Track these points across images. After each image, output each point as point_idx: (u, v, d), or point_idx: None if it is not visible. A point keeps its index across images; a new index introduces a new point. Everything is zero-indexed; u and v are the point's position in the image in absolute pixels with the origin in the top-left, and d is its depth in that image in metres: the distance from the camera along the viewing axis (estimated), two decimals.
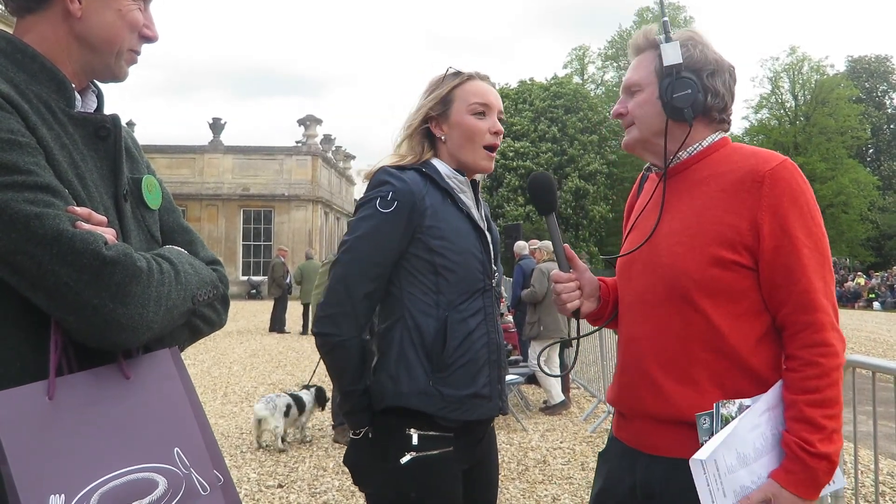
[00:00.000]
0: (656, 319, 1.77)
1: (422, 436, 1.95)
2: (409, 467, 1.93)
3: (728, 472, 1.61)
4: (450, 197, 2.03)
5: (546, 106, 40.95)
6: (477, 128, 2.07)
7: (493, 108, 2.10)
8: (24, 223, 1.16)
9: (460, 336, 1.98)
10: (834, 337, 1.64)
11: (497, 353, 2.08)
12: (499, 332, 2.11)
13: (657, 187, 1.88)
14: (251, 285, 32.27)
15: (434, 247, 1.97)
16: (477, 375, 2.01)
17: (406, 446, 1.94)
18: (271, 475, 5.86)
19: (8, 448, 1.13)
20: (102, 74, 1.47)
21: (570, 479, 5.78)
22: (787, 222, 1.65)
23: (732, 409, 1.65)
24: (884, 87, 54.63)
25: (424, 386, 1.95)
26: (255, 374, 11.10)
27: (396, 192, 1.95)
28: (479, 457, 2.13)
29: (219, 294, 1.50)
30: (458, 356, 1.97)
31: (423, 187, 1.99)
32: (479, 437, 2.11)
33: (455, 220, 2.02)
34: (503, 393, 2.11)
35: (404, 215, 1.94)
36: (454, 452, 1.99)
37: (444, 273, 1.98)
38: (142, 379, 1.31)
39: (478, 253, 2.05)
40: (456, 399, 1.96)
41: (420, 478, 1.94)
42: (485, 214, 2.19)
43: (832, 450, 1.60)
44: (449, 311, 1.98)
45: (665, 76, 1.77)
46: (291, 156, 34.44)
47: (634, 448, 1.83)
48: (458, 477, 2.03)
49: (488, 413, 2.06)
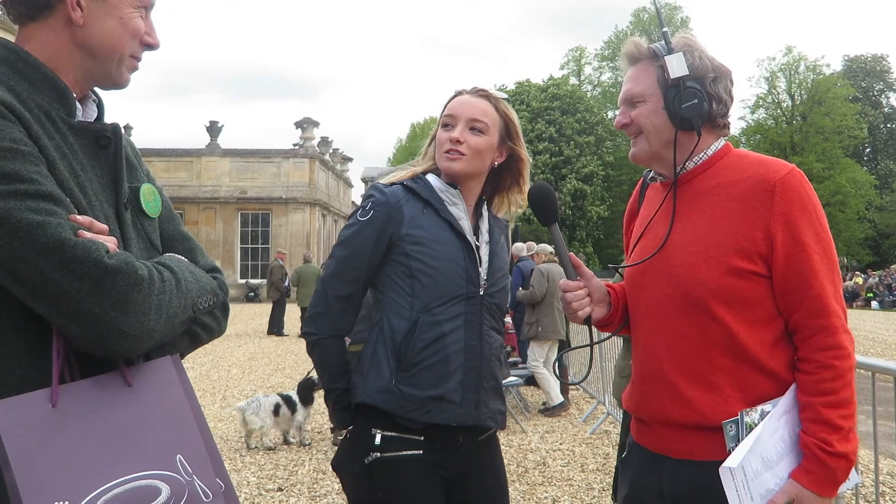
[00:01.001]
0: (674, 328, 1.80)
1: (385, 436, 2.02)
2: (374, 467, 2.00)
3: (755, 477, 1.65)
4: (431, 207, 2.12)
5: (543, 107, 41.03)
6: (441, 139, 2.18)
7: (458, 118, 2.17)
8: (27, 232, 1.17)
9: (429, 338, 2.04)
10: (846, 339, 1.69)
11: (477, 361, 2.09)
12: (485, 343, 2.12)
13: (665, 197, 1.89)
14: (249, 288, 32.26)
15: (410, 251, 2.07)
16: (446, 378, 2.03)
17: (371, 446, 2.02)
18: (271, 479, 5.86)
19: (12, 455, 1.13)
20: (104, 82, 1.47)
21: (569, 481, 5.78)
22: (799, 230, 1.69)
23: (755, 417, 1.70)
24: (880, 86, 54.81)
25: (387, 384, 2.02)
26: (254, 378, 11.11)
27: (375, 202, 2.11)
28: (466, 467, 2.11)
29: (219, 302, 1.50)
30: (424, 357, 2.03)
31: (401, 198, 2.12)
32: (456, 444, 2.09)
33: (435, 228, 2.10)
34: (482, 403, 2.10)
35: (379, 222, 2.08)
36: (426, 455, 2.03)
37: (420, 276, 2.06)
38: (144, 386, 1.32)
39: (460, 261, 2.10)
40: (417, 399, 2.01)
41: (385, 478, 2.00)
42: (491, 228, 2.25)
43: (850, 449, 1.65)
44: (422, 314, 2.05)
45: (671, 87, 1.78)
46: (289, 158, 34.45)
47: (658, 453, 1.86)
48: (431, 482, 2.04)
49: (456, 419, 2.04)
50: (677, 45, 1.80)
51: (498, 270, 2.20)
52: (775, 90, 47.60)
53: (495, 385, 2.16)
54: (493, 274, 2.18)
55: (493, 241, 2.23)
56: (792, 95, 46.92)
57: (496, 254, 2.22)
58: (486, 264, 2.17)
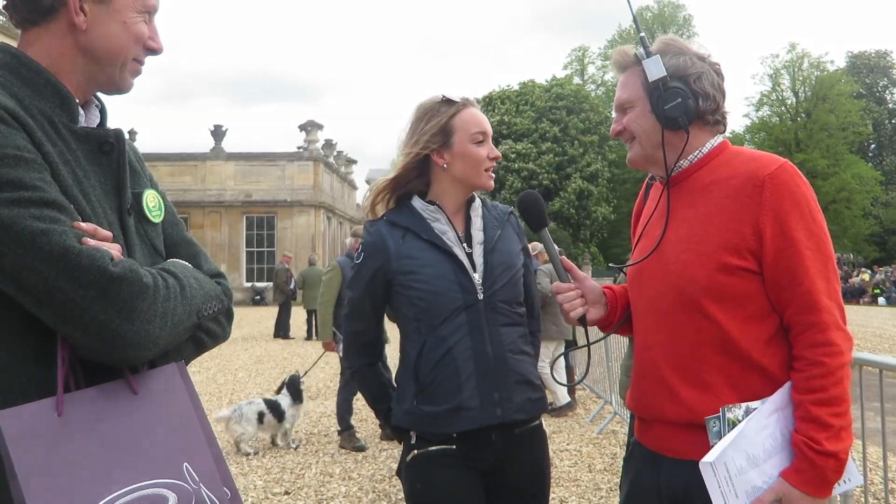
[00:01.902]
0: (668, 326, 1.81)
1: (420, 436, 2.19)
2: (414, 463, 2.19)
3: (739, 474, 1.63)
4: (411, 232, 2.22)
5: (548, 106, 41.00)
6: (480, 156, 2.24)
7: (488, 134, 2.28)
8: (31, 239, 1.17)
9: (437, 356, 2.14)
10: (838, 336, 1.66)
11: (489, 364, 2.15)
12: (495, 343, 2.17)
13: (661, 196, 1.91)
14: (255, 291, 32.29)
15: (404, 282, 2.19)
16: (460, 388, 2.12)
17: (409, 446, 2.22)
18: (278, 482, 5.86)
19: (18, 465, 1.13)
20: (106, 86, 1.47)
21: (576, 482, 5.77)
22: (788, 225, 1.68)
23: (738, 413, 1.68)
24: (884, 82, 54.59)
25: (410, 405, 2.18)
26: (261, 381, 11.11)
27: (365, 246, 2.28)
28: (501, 460, 2.19)
29: (223, 308, 1.50)
30: (435, 374, 2.14)
31: (385, 234, 2.24)
32: (488, 441, 2.16)
33: (420, 252, 2.20)
34: (505, 399, 2.15)
35: (371, 262, 2.24)
36: (459, 451, 2.15)
37: (418, 303, 2.18)
38: (149, 394, 1.32)
39: (451, 276, 2.17)
40: (436, 414, 2.13)
41: (422, 471, 2.17)
42: (485, 225, 2.30)
43: (840, 448, 1.62)
44: (428, 336, 2.17)
45: (654, 89, 1.80)
46: (293, 161, 34.47)
47: (657, 452, 1.87)
48: (465, 473, 2.15)
49: (479, 422, 2.12)
50: (655, 47, 1.84)
51: (498, 266, 2.23)
52: (779, 87, 47.41)
53: (519, 378, 2.20)
54: (492, 272, 2.21)
55: (486, 240, 2.26)
56: (796, 92, 46.72)
57: (494, 250, 2.25)
58: (480, 267, 2.22)
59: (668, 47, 1.84)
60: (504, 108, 41.39)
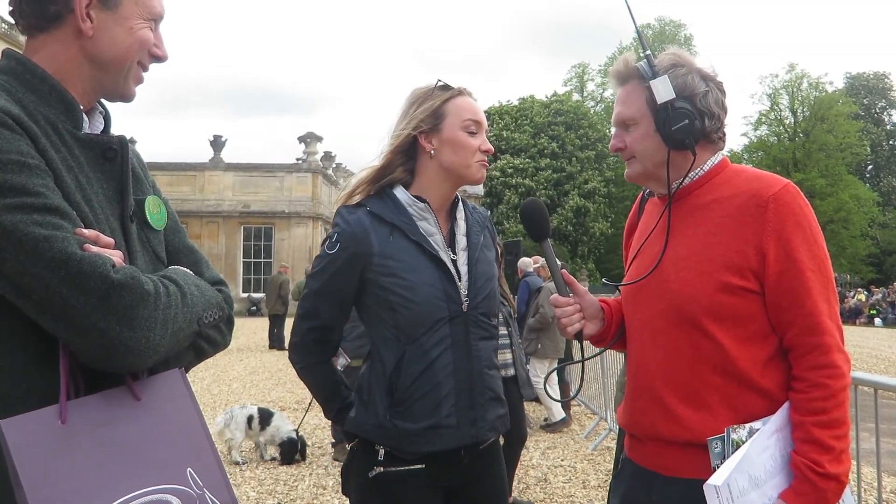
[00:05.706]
0: (666, 345, 1.79)
1: (388, 452, 2.02)
2: (377, 480, 2.03)
3: (740, 495, 1.62)
4: (398, 230, 2.04)
5: (546, 122, 41.10)
6: (471, 145, 2.10)
7: (482, 125, 2.13)
8: (33, 245, 1.17)
9: (418, 370, 2.00)
10: (840, 358, 1.66)
11: (468, 381, 2.04)
12: (474, 358, 2.07)
13: (662, 213, 1.88)
14: (251, 302, 32.21)
15: (385, 284, 2.01)
16: (439, 406, 2.00)
17: (375, 461, 2.03)
18: (271, 493, 5.83)
19: (23, 473, 1.13)
20: (111, 94, 1.48)
21: (571, 498, 5.75)
22: (792, 246, 1.67)
23: (743, 434, 1.67)
24: (882, 103, 54.84)
25: (382, 419, 2.01)
26: (255, 392, 11.07)
27: (341, 234, 2.05)
28: (467, 477, 2.10)
29: (224, 316, 1.50)
30: (415, 389, 2.00)
31: (367, 226, 2.04)
32: (458, 459, 2.07)
33: (405, 254, 2.03)
34: (479, 418, 2.07)
35: (346, 256, 2.03)
36: (428, 469, 2.02)
37: (399, 309, 2.01)
38: (152, 400, 1.32)
39: (437, 283, 2.03)
40: (413, 432, 1.99)
41: (386, 490, 2.03)
42: (468, 230, 2.17)
43: (841, 470, 1.62)
44: (408, 345, 2.01)
45: (660, 110, 1.76)
46: (292, 173, 34.49)
47: (649, 469, 1.85)
48: (431, 494, 2.05)
49: (456, 442, 2.03)
50: (662, 65, 1.78)
51: (481, 277, 2.11)
52: (778, 107, 47.58)
53: (492, 395, 2.11)
54: (476, 283, 2.10)
55: (471, 246, 2.14)
56: (794, 112, 46.88)
57: (477, 259, 2.13)
58: (465, 276, 2.09)
59: (675, 65, 1.79)
60: (503, 122, 41.48)
